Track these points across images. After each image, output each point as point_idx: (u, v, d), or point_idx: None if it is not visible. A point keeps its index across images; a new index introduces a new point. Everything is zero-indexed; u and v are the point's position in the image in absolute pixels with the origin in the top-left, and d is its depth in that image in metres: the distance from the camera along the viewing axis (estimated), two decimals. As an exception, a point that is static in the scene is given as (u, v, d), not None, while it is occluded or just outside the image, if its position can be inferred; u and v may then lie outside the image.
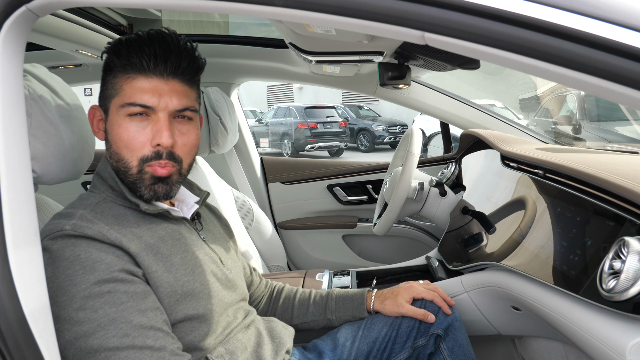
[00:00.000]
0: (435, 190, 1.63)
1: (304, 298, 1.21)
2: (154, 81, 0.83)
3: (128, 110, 0.82)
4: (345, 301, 1.17)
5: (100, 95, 0.88)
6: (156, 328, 0.76)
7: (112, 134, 0.85)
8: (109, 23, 1.75)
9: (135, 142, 0.82)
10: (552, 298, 0.94)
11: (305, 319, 1.18)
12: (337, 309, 1.17)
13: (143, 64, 0.82)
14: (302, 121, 12.14)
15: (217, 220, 1.11)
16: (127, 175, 0.85)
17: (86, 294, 0.72)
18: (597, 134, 5.10)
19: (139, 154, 0.83)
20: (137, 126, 0.83)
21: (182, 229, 0.91)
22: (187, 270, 0.85)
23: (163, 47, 0.83)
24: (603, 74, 0.52)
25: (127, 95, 0.83)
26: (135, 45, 0.82)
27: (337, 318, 1.17)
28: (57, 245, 0.75)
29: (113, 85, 0.85)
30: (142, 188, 0.84)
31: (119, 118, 0.83)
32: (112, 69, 0.85)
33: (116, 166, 0.86)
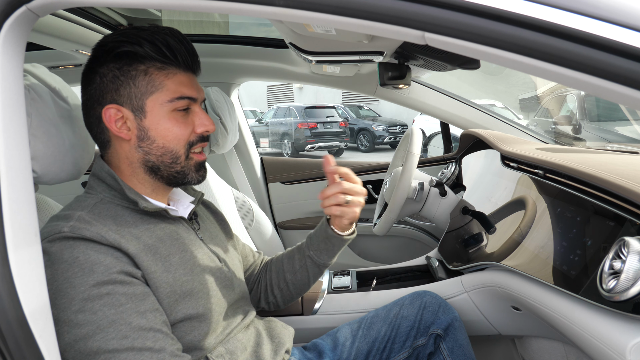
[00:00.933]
0: (435, 190, 1.63)
1: (289, 252, 1.18)
2: (189, 75, 0.88)
3: (176, 104, 0.85)
4: (315, 232, 1.12)
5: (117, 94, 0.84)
6: (155, 329, 0.76)
7: (157, 129, 0.85)
8: (109, 23, 1.75)
9: (185, 133, 0.87)
10: (552, 298, 0.94)
11: (294, 269, 1.13)
12: (310, 243, 1.12)
13: (180, 60, 0.86)
14: (302, 121, 12.14)
15: (214, 216, 1.11)
16: (173, 166, 0.88)
17: (85, 296, 0.72)
18: (597, 134, 5.09)
19: (185, 142, 0.88)
20: (183, 118, 0.87)
21: (179, 229, 0.91)
22: (185, 270, 0.85)
23: (189, 45, 0.87)
24: (603, 74, 0.52)
25: (173, 90, 0.85)
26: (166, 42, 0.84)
27: (314, 251, 1.10)
28: (55, 247, 0.75)
29: (149, 82, 0.84)
30: (189, 174, 0.90)
31: (165, 113, 0.85)
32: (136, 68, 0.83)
33: (159, 161, 0.87)
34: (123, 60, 0.83)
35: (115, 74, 0.83)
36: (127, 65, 0.83)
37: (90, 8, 1.58)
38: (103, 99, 0.84)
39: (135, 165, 0.87)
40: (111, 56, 0.83)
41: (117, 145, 0.87)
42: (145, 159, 0.87)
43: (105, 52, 0.84)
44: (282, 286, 1.15)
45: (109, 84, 0.84)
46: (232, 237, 1.12)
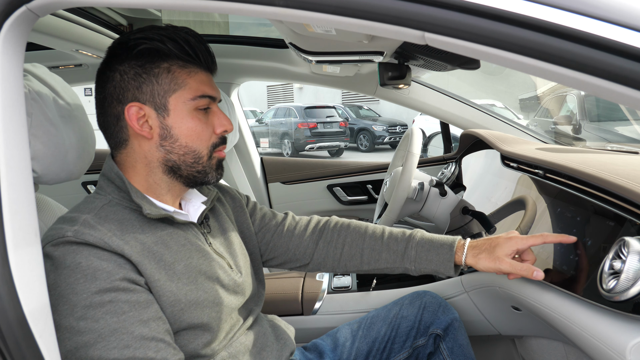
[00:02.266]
0: (435, 190, 1.63)
1: (375, 242, 1.06)
2: (208, 75, 0.89)
3: (198, 103, 0.85)
4: (430, 252, 1.01)
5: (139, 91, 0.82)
6: (158, 339, 0.75)
7: (180, 128, 0.84)
8: (109, 23, 1.75)
9: (207, 132, 0.87)
10: (552, 298, 0.94)
11: (377, 266, 1.05)
12: (417, 259, 1.01)
13: (201, 59, 0.86)
14: (302, 121, 12.14)
15: (231, 201, 1.07)
16: (194, 166, 0.87)
17: (87, 303, 0.71)
18: (597, 134, 5.09)
19: (208, 143, 0.88)
20: (204, 117, 0.87)
21: (188, 234, 0.88)
22: (190, 279, 0.83)
23: (206, 44, 0.88)
24: (603, 74, 0.52)
25: (194, 89, 0.85)
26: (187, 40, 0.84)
27: (416, 269, 1.02)
28: (58, 252, 0.74)
29: (172, 80, 0.83)
30: (210, 174, 0.90)
31: (188, 111, 0.85)
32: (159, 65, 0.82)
33: (181, 160, 0.86)
34: (145, 57, 0.82)
35: (137, 71, 0.82)
36: (149, 63, 0.82)
37: (90, 8, 1.58)
38: (124, 97, 0.82)
39: (154, 165, 0.86)
40: (133, 54, 0.82)
41: (135, 144, 0.85)
42: (166, 158, 0.85)
43: (126, 49, 0.82)
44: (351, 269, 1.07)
45: (131, 82, 0.82)
46: (249, 227, 1.07)
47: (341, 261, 1.08)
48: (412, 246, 1.03)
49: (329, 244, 1.09)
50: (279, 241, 1.10)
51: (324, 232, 1.10)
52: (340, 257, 1.08)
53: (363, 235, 1.07)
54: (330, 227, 1.11)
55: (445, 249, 1.00)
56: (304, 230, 1.11)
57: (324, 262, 1.09)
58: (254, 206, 1.13)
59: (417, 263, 1.02)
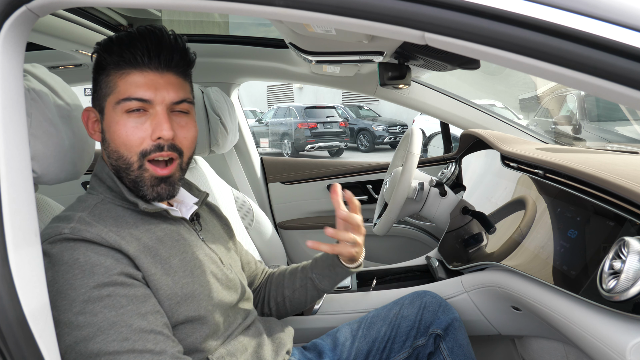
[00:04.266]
0: (435, 190, 1.63)
1: (293, 269, 1.18)
2: (149, 75, 0.83)
3: (125, 106, 0.81)
4: (322, 257, 1.13)
5: (93, 96, 0.87)
6: (156, 332, 0.76)
7: (109, 132, 0.84)
8: (109, 23, 1.75)
9: (135, 138, 0.82)
10: (552, 298, 0.94)
11: (294, 287, 1.14)
12: (315, 266, 1.12)
13: (137, 59, 0.82)
14: (302, 121, 12.14)
15: (217, 219, 1.11)
16: (128, 173, 0.84)
17: (86, 298, 0.72)
18: (597, 134, 5.09)
19: (138, 149, 0.82)
20: (135, 122, 0.82)
21: (181, 230, 0.90)
22: (186, 272, 0.85)
23: (155, 42, 0.83)
24: (603, 74, 0.52)
25: (122, 91, 0.82)
26: (127, 41, 0.82)
27: (317, 275, 1.11)
28: (56, 249, 0.74)
29: (107, 84, 0.84)
30: (144, 188, 0.84)
31: (116, 115, 0.82)
32: (104, 67, 0.84)
33: (116, 165, 0.85)
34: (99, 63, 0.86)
35: (94, 76, 0.87)
36: (99, 68, 0.86)
37: (90, 8, 1.58)
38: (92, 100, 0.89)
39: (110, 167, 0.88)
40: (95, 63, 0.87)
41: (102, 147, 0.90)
42: (109, 162, 0.87)
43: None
44: (278, 300, 1.16)
45: (93, 88, 0.88)
46: (235, 241, 1.12)
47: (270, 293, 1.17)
48: (314, 259, 1.15)
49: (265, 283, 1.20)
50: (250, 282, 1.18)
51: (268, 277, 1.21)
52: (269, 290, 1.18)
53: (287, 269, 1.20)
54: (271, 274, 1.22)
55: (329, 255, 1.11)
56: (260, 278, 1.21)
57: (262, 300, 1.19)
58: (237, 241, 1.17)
59: (315, 267, 1.12)
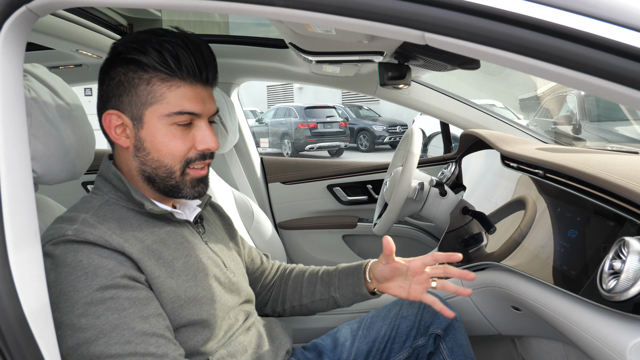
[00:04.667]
0: (435, 190, 1.63)
1: (312, 276, 1.15)
2: (197, 89, 0.83)
3: (176, 119, 0.82)
4: (347, 276, 1.10)
5: (119, 100, 0.82)
6: (158, 335, 0.75)
7: (152, 142, 0.82)
8: (109, 23, 1.75)
9: (182, 149, 0.84)
10: (552, 298, 0.94)
11: (313, 298, 1.12)
12: (340, 286, 1.10)
13: (189, 72, 0.81)
14: (302, 121, 12.14)
15: (220, 219, 1.10)
16: (168, 180, 0.85)
17: (88, 300, 0.72)
18: (597, 134, 5.09)
19: (182, 159, 0.85)
20: (181, 133, 0.83)
21: (184, 232, 0.90)
22: (189, 276, 0.84)
23: (201, 56, 0.82)
24: (603, 74, 0.52)
25: (174, 104, 0.81)
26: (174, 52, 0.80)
27: (340, 296, 1.10)
28: (59, 250, 0.74)
29: (150, 93, 0.81)
30: (185, 190, 0.87)
31: (163, 127, 0.82)
32: (141, 75, 0.81)
33: (153, 172, 0.84)
34: (130, 66, 0.81)
35: (120, 79, 0.82)
36: (132, 72, 0.81)
37: (90, 8, 1.58)
38: (107, 102, 0.84)
39: (134, 173, 0.86)
40: (119, 60, 0.81)
41: (119, 151, 0.87)
42: (141, 168, 0.85)
43: (116, 54, 0.82)
44: (294, 304, 1.16)
45: (114, 89, 0.82)
46: (238, 241, 1.12)
47: (286, 296, 1.16)
48: (336, 274, 1.12)
49: (279, 282, 1.19)
50: (252, 277, 1.16)
51: (280, 272, 1.20)
52: (285, 293, 1.16)
53: (304, 272, 1.17)
54: (285, 268, 1.21)
55: (357, 271, 1.10)
56: (273, 274, 1.20)
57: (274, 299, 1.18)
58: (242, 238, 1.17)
59: (340, 289, 1.10)
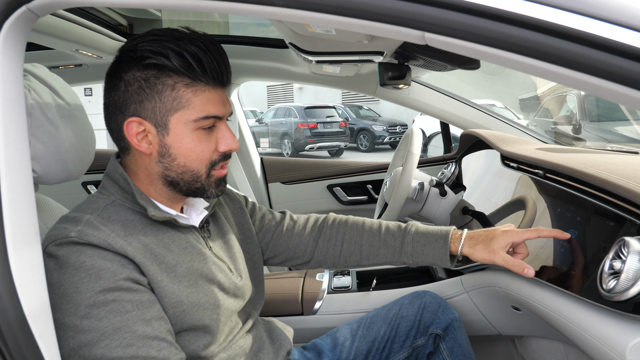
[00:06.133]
0: (435, 190, 1.63)
1: (372, 237, 1.07)
2: (218, 92, 0.84)
3: (202, 124, 0.81)
4: (425, 246, 1.03)
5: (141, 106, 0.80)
6: (160, 338, 0.75)
7: (180, 148, 0.82)
8: (109, 23, 1.75)
9: (208, 152, 0.84)
10: (552, 298, 0.94)
11: (376, 261, 1.07)
12: (414, 254, 1.03)
13: (210, 76, 0.81)
14: (302, 121, 12.14)
15: (231, 204, 1.07)
16: (193, 183, 0.85)
17: (91, 302, 0.72)
18: (597, 134, 5.09)
19: (208, 162, 0.85)
20: (207, 137, 0.84)
21: (189, 238, 0.88)
22: (191, 282, 0.84)
23: (221, 57, 0.82)
24: (603, 74, 0.52)
25: (200, 109, 0.81)
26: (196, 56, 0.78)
27: (414, 262, 1.04)
28: (62, 251, 0.74)
29: (176, 99, 0.79)
30: (209, 190, 0.88)
31: (189, 132, 0.81)
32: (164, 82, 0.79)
33: (179, 177, 0.84)
34: (150, 71, 0.78)
35: (141, 85, 0.79)
36: (154, 78, 0.78)
37: (90, 8, 1.58)
38: (126, 108, 0.80)
39: (154, 177, 0.85)
40: (137, 64, 0.78)
41: (136, 155, 0.84)
42: (165, 173, 0.84)
43: (133, 59, 0.79)
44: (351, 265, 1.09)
45: (134, 95, 0.79)
46: (249, 228, 1.07)
47: (341, 257, 1.09)
48: (408, 241, 1.04)
49: (328, 242, 1.10)
50: (279, 240, 1.10)
51: (323, 229, 1.12)
52: (340, 253, 1.09)
53: (361, 232, 1.09)
54: (329, 224, 1.12)
55: (440, 243, 1.02)
56: (304, 228, 1.12)
57: (324, 259, 1.11)
58: (253, 207, 1.13)
59: (414, 257, 1.04)
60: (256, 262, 1.06)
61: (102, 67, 2.15)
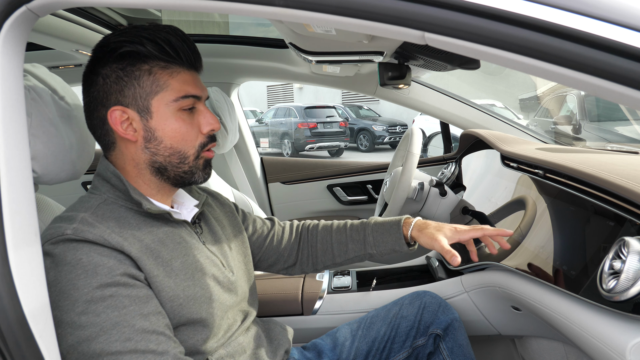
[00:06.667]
0: (435, 190, 1.63)
1: (340, 234, 1.14)
2: (192, 73, 0.87)
3: (182, 103, 0.84)
4: (383, 234, 1.10)
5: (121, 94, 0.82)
6: (158, 332, 0.76)
7: (164, 130, 0.84)
8: (109, 23, 1.75)
9: (192, 132, 0.87)
10: (552, 298, 0.94)
11: (347, 257, 1.13)
12: (376, 243, 1.10)
13: (183, 58, 0.85)
14: (302, 121, 12.14)
15: (221, 208, 1.09)
16: (180, 166, 0.87)
17: (88, 298, 0.72)
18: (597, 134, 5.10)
19: (195, 143, 0.88)
20: (188, 118, 0.86)
21: (182, 233, 0.90)
22: (187, 275, 0.85)
23: (191, 44, 0.86)
24: (603, 74, 0.52)
25: (178, 89, 0.84)
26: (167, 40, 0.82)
27: (377, 252, 1.11)
28: (58, 249, 0.74)
29: (154, 82, 0.83)
30: (197, 173, 0.90)
31: (172, 113, 0.84)
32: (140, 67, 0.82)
33: (166, 161, 0.86)
34: (126, 60, 0.82)
35: (118, 74, 0.82)
36: (130, 66, 0.82)
37: (90, 8, 1.58)
38: (107, 100, 0.83)
39: (142, 167, 0.86)
40: (113, 57, 0.81)
41: (122, 147, 0.86)
42: (152, 159, 0.86)
43: (107, 52, 0.82)
44: (327, 264, 1.16)
45: (113, 85, 0.82)
46: (241, 228, 1.10)
47: (318, 258, 1.15)
48: (369, 232, 1.12)
49: (306, 244, 1.17)
50: (270, 245, 1.15)
51: (302, 233, 1.19)
52: (316, 254, 1.16)
53: (330, 232, 1.16)
54: (306, 227, 1.20)
55: (394, 229, 1.09)
56: (290, 234, 1.19)
57: (306, 261, 1.17)
58: (243, 213, 1.16)
59: (377, 247, 1.10)
60: (248, 264, 1.07)
61: (102, 67, 2.15)
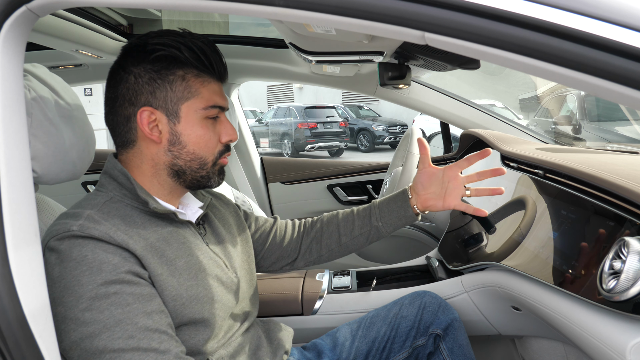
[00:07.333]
0: (435, 190, 1.63)
1: (347, 215, 1.17)
2: (220, 85, 0.92)
3: (209, 112, 0.88)
4: (389, 204, 1.13)
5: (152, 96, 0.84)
6: (161, 331, 0.76)
7: (190, 135, 0.87)
8: (109, 23, 1.76)
9: (214, 140, 0.90)
10: (552, 298, 0.94)
11: (352, 235, 1.15)
12: (381, 213, 1.13)
13: (215, 70, 0.89)
14: (302, 121, 12.15)
15: (225, 207, 1.10)
16: (199, 171, 0.90)
17: (93, 295, 0.72)
18: (597, 134, 5.10)
19: (214, 150, 0.91)
20: (212, 126, 0.90)
21: (186, 233, 0.90)
22: (190, 275, 0.85)
23: (221, 56, 0.90)
24: (603, 74, 0.52)
25: (207, 98, 0.87)
26: (203, 50, 0.86)
27: (383, 224, 1.13)
28: (64, 245, 0.75)
29: (186, 88, 0.85)
30: (213, 178, 0.93)
31: (198, 120, 0.87)
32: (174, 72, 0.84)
33: (187, 165, 0.88)
34: (161, 63, 0.84)
35: (152, 76, 0.84)
36: (165, 69, 0.84)
37: (90, 8, 1.58)
38: (137, 99, 0.84)
39: (160, 167, 0.88)
40: (149, 58, 0.83)
41: (143, 146, 0.87)
42: (172, 162, 0.87)
43: (142, 52, 0.84)
44: (333, 247, 1.17)
45: (145, 86, 0.84)
46: (244, 227, 1.10)
47: (323, 242, 1.17)
48: (375, 206, 1.15)
49: (311, 230, 1.19)
50: (273, 241, 1.16)
51: (305, 226, 1.21)
52: (321, 237, 1.17)
53: (337, 214, 1.20)
54: (309, 221, 1.23)
55: (400, 196, 1.13)
56: (292, 229, 1.20)
57: (308, 250, 1.18)
58: (245, 213, 1.17)
59: (382, 217, 1.13)
60: (251, 264, 1.08)
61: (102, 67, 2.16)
